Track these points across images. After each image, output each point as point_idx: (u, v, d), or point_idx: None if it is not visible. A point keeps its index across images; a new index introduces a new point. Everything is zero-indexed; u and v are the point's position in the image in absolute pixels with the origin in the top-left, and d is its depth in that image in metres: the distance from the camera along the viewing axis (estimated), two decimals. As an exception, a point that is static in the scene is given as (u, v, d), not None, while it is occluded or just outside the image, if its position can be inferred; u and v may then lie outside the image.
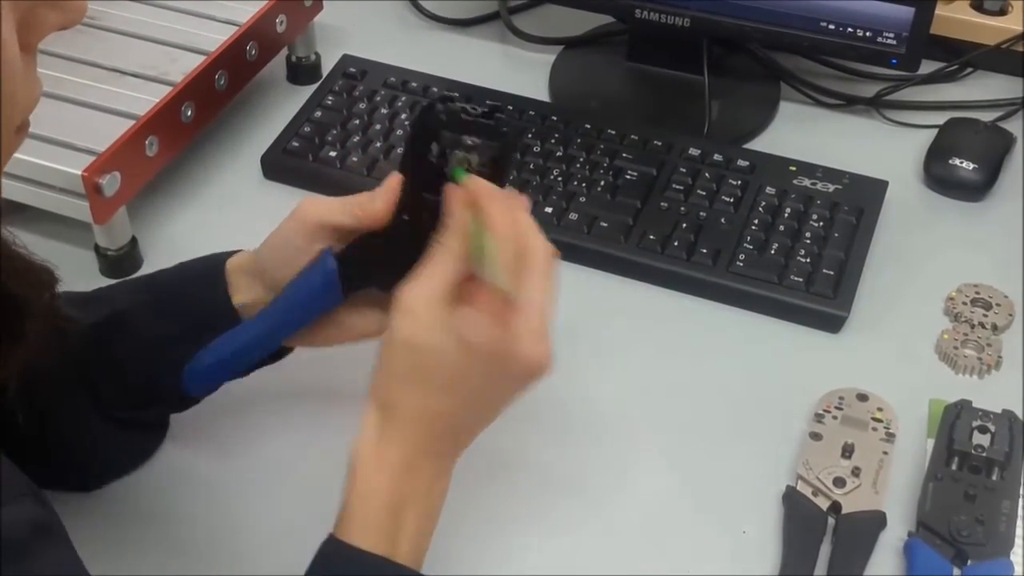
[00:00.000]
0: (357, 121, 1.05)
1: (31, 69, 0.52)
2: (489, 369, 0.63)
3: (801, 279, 0.91)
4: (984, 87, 1.12)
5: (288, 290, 0.72)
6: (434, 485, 0.66)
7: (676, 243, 0.93)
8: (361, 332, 0.74)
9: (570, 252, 0.94)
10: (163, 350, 0.74)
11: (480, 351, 0.62)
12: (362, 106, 1.06)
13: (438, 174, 0.67)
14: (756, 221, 0.95)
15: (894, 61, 1.01)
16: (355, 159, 1.01)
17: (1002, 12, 1.12)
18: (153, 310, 0.75)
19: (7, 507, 0.52)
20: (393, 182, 0.70)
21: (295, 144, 1.04)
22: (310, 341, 0.75)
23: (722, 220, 0.95)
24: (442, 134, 0.66)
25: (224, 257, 0.76)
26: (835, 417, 0.82)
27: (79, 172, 0.88)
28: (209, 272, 0.75)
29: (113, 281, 0.94)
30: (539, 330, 0.62)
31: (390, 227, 0.70)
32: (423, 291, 0.63)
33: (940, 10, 1.01)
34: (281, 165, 1.03)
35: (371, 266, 0.70)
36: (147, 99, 0.95)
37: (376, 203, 0.70)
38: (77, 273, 0.94)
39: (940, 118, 1.07)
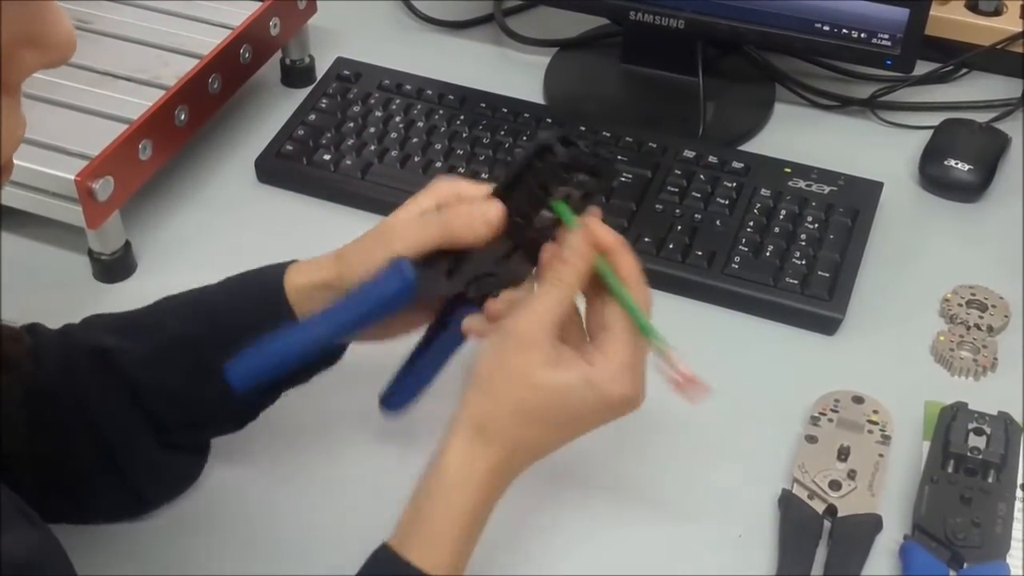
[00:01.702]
0: (351, 124, 1.05)
1: (14, 109, 0.50)
2: (599, 410, 0.67)
3: (796, 281, 0.90)
4: (979, 88, 1.12)
5: (360, 296, 0.69)
6: (498, 501, 0.67)
7: (671, 245, 0.93)
8: (414, 324, 0.74)
9: (565, 255, 0.94)
10: (219, 379, 0.71)
11: (606, 398, 0.66)
12: (356, 109, 1.06)
13: (533, 202, 0.69)
14: (751, 223, 0.95)
15: (889, 62, 1.01)
16: (349, 162, 1.01)
17: (997, 12, 1.12)
18: (209, 344, 0.72)
19: (6, 533, 0.51)
20: (497, 209, 0.69)
21: (289, 147, 1.03)
22: (364, 337, 0.74)
23: (717, 222, 0.95)
24: (553, 166, 0.67)
25: (279, 275, 0.73)
26: (831, 420, 0.82)
27: (72, 177, 0.88)
28: (269, 298, 0.72)
29: (108, 285, 0.94)
30: (642, 375, 0.68)
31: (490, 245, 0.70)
32: (542, 324, 0.65)
33: (935, 11, 1.01)
34: (275, 168, 1.03)
35: (445, 275, 0.70)
36: (140, 103, 0.95)
37: (481, 229, 0.68)
38: (70, 278, 0.95)
39: (935, 119, 1.07)
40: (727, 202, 0.96)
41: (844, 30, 1.01)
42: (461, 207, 0.69)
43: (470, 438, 0.65)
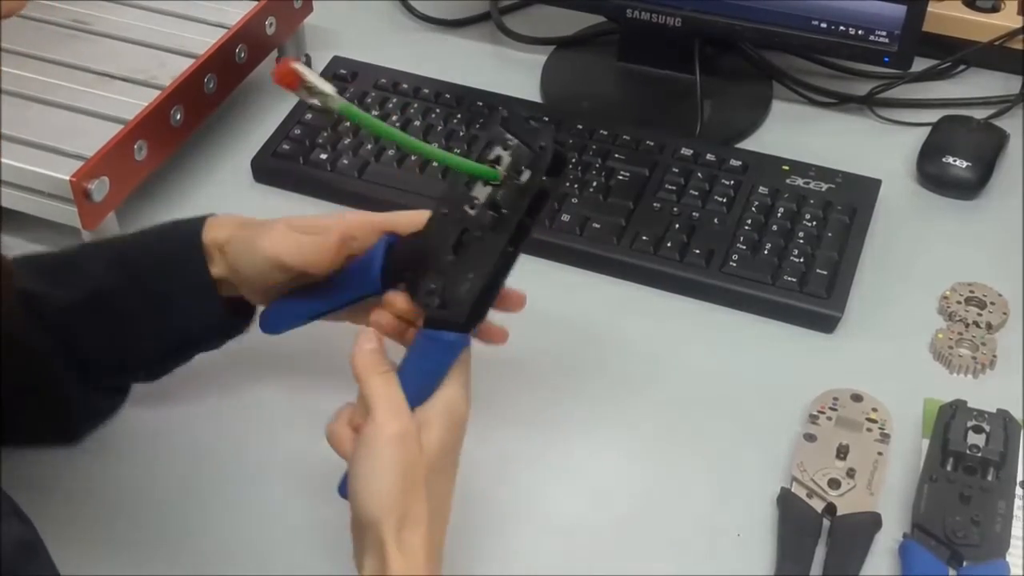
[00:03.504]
0: (348, 123, 1.04)
1: None
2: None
3: (794, 279, 0.90)
4: (977, 84, 1.12)
5: (343, 270, 0.73)
6: None
7: (669, 244, 0.93)
8: None
9: (562, 254, 0.94)
10: (140, 331, 0.75)
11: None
12: (353, 108, 1.06)
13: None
14: (749, 221, 0.94)
15: (887, 59, 1.01)
16: (346, 162, 1.01)
17: (995, 9, 1.12)
18: (130, 293, 0.74)
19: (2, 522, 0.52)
20: (351, 219, 0.73)
21: (285, 147, 1.03)
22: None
23: (715, 220, 0.95)
24: (496, 131, 0.67)
25: (198, 232, 0.75)
26: (829, 418, 0.82)
27: (67, 177, 0.87)
28: (187, 256, 0.75)
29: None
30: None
31: (430, 224, 0.70)
32: (403, 410, 0.65)
33: (932, 7, 1.01)
34: (271, 168, 1.03)
35: (409, 260, 0.71)
36: (136, 103, 0.95)
37: (330, 238, 0.71)
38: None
39: (933, 116, 1.06)
40: (725, 200, 0.96)
41: (842, 27, 1.00)
42: None
43: (396, 539, 0.62)
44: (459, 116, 1.05)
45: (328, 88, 0.60)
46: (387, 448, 0.63)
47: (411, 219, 0.72)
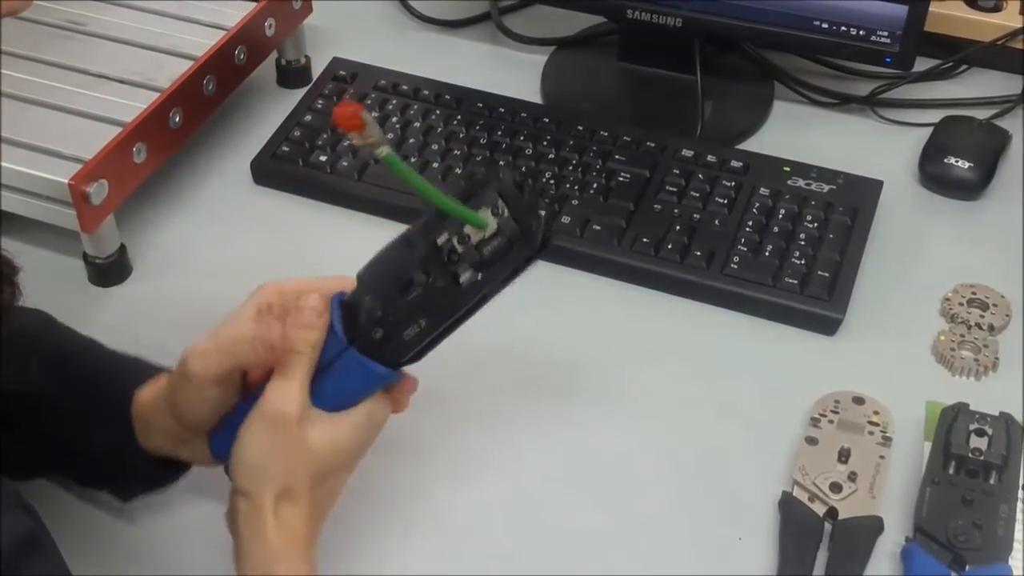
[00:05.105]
0: (347, 125, 1.04)
1: None
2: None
3: (796, 281, 0.90)
4: (979, 84, 1.12)
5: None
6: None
7: (669, 246, 0.93)
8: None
9: (562, 255, 0.94)
10: (61, 450, 0.73)
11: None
12: (352, 109, 1.06)
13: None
14: (750, 223, 0.94)
15: (888, 59, 1.01)
16: (346, 163, 1.01)
17: (997, 8, 1.12)
18: (64, 406, 0.72)
19: (5, 513, 0.52)
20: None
21: (285, 149, 1.03)
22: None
23: (716, 222, 0.94)
24: (488, 195, 0.64)
25: (135, 387, 0.71)
26: (831, 421, 0.82)
27: (66, 180, 0.87)
28: (119, 405, 0.71)
29: (103, 289, 0.94)
30: None
31: (391, 249, 0.67)
32: (304, 397, 0.65)
33: (934, 7, 1.00)
34: (271, 170, 1.02)
35: (371, 302, 0.66)
36: (134, 105, 0.94)
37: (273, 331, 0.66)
38: (65, 282, 0.94)
39: (935, 116, 1.06)
40: (726, 201, 0.96)
41: (843, 27, 1.00)
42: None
43: (274, 508, 0.63)
44: (459, 117, 1.04)
45: (381, 137, 0.62)
46: (259, 423, 0.64)
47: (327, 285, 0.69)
